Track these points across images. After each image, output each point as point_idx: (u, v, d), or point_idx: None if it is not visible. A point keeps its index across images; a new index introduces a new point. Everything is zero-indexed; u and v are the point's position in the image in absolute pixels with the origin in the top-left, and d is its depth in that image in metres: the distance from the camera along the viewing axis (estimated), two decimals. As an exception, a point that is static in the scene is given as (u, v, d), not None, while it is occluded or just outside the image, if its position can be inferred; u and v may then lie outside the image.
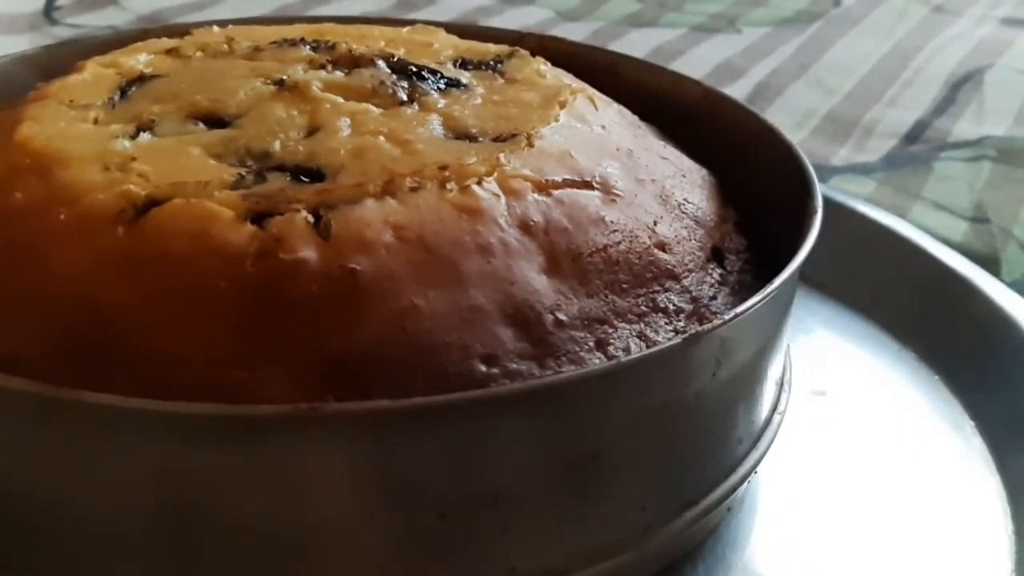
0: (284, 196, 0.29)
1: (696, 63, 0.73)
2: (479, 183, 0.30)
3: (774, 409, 0.34)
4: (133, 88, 0.36)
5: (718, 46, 0.78)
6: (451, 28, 0.43)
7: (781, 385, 0.35)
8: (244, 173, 0.31)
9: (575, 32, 0.77)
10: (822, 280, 0.44)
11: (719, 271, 0.34)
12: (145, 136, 0.33)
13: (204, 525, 0.25)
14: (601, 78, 0.41)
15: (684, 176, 0.37)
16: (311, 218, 0.29)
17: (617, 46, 0.74)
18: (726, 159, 0.39)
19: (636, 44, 0.76)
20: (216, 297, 0.27)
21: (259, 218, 0.29)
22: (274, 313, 0.27)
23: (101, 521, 0.26)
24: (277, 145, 0.32)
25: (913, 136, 0.65)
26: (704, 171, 0.38)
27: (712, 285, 0.33)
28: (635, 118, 0.40)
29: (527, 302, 0.29)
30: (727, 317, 0.28)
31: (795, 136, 0.39)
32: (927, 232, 0.49)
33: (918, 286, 0.45)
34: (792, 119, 0.66)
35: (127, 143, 0.32)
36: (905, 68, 0.76)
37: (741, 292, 0.34)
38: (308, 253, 0.28)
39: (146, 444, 0.24)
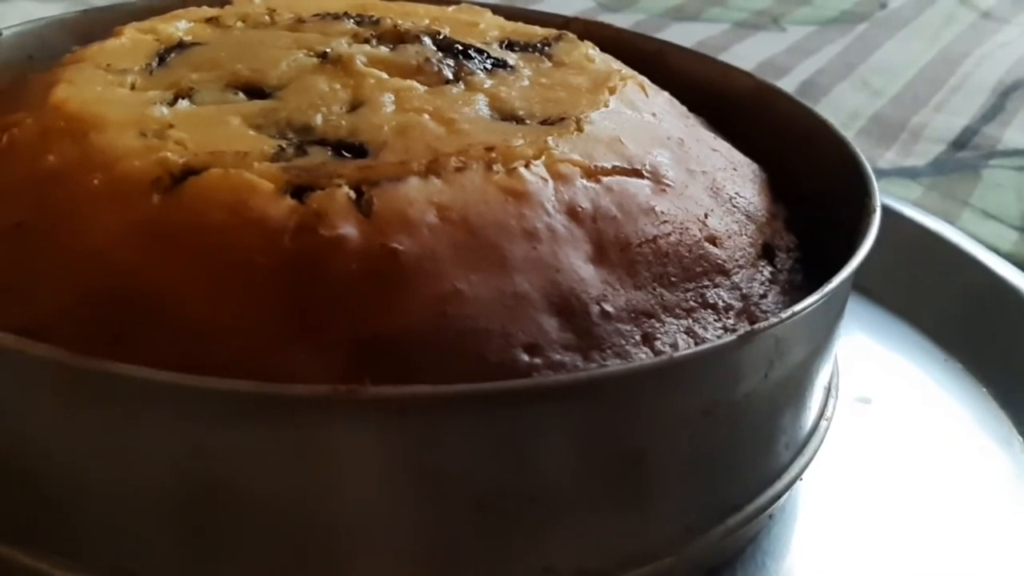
0: (325, 170, 0.28)
1: (739, 60, 0.71)
2: (526, 166, 0.29)
3: (821, 415, 0.33)
4: (172, 55, 0.35)
5: (762, 43, 0.77)
6: (497, 9, 0.42)
7: (829, 391, 0.33)
8: (284, 145, 0.30)
9: (616, 23, 0.76)
10: (867, 284, 0.43)
11: (770, 269, 0.33)
12: (183, 104, 0.32)
13: (232, 504, 0.24)
14: (648, 66, 0.40)
15: (735, 169, 0.35)
16: (353, 194, 0.27)
17: (658, 39, 0.73)
18: (775, 154, 0.38)
19: (678, 38, 0.74)
20: (252, 271, 0.26)
21: (299, 192, 0.27)
22: (311, 290, 0.26)
23: (126, 496, 0.25)
24: (319, 119, 0.31)
25: (961, 142, 0.64)
26: (755, 165, 0.37)
27: (762, 283, 0.32)
28: (684, 108, 0.39)
29: (573, 291, 0.28)
30: (784, 316, 0.26)
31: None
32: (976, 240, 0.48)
33: (967, 294, 0.44)
34: (837, 120, 0.64)
35: (165, 110, 0.31)
36: (953, 73, 0.74)
37: (791, 292, 0.32)
38: (349, 230, 0.27)
39: (175, 418, 0.23)
